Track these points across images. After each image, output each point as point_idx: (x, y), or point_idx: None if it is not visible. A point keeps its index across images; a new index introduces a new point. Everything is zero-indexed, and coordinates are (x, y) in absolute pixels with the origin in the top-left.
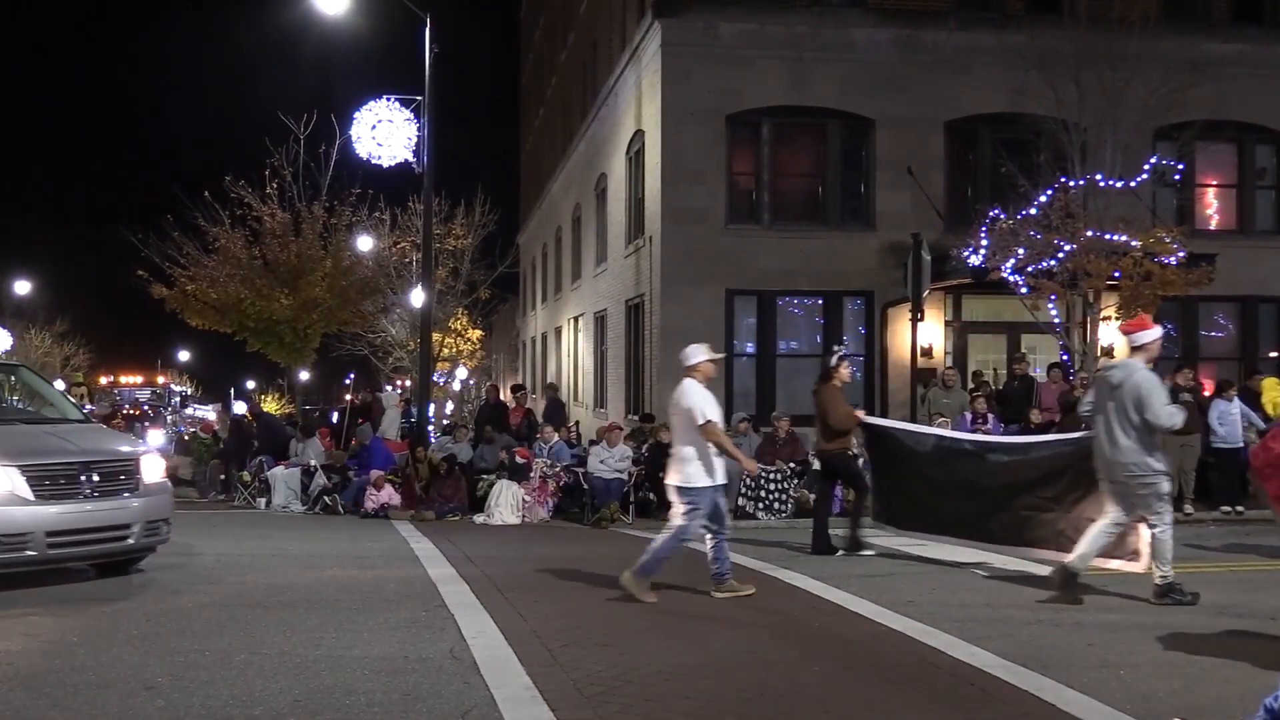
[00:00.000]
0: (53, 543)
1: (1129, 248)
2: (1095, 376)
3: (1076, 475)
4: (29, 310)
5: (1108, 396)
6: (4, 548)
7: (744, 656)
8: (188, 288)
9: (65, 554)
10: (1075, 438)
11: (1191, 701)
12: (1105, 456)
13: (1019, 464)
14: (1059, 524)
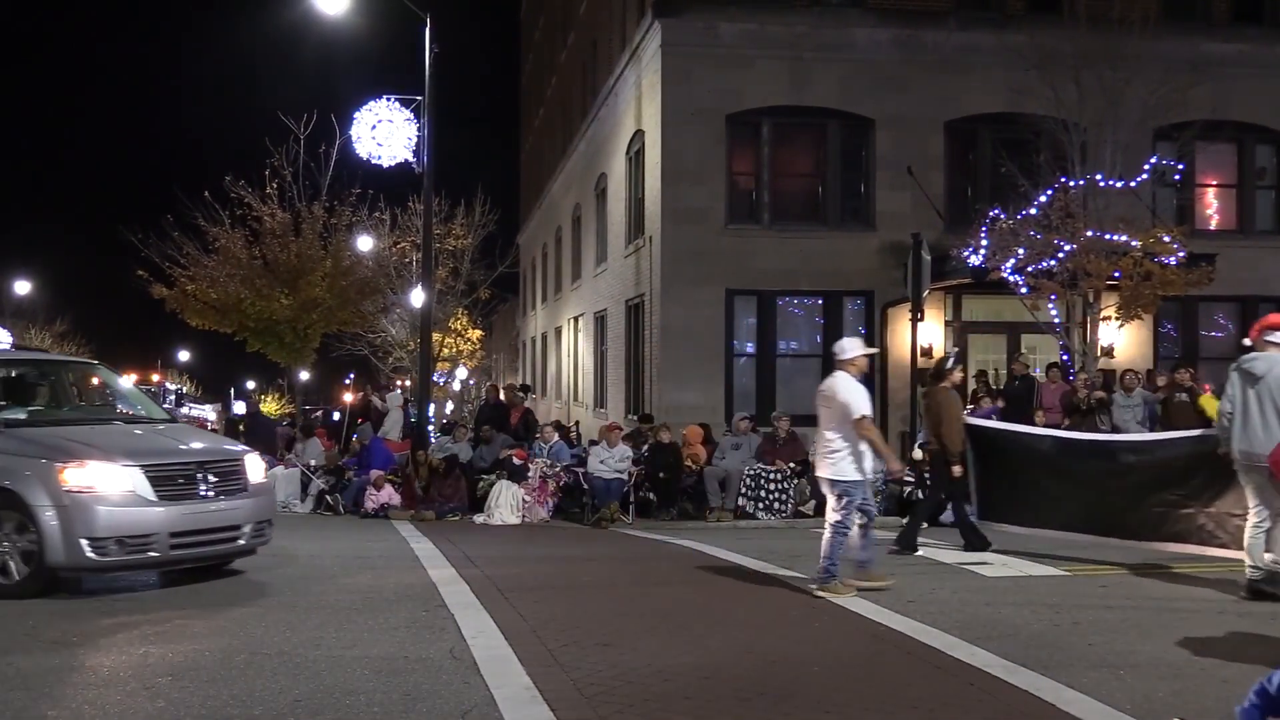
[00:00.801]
0: (175, 544)
1: (1129, 248)
2: (1235, 370)
3: (1211, 471)
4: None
5: (1249, 386)
6: (128, 549)
7: (743, 656)
8: (188, 288)
9: (184, 555)
10: (1201, 434)
11: (1191, 702)
12: (1252, 446)
13: (1147, 463)
14: (1198, 519)
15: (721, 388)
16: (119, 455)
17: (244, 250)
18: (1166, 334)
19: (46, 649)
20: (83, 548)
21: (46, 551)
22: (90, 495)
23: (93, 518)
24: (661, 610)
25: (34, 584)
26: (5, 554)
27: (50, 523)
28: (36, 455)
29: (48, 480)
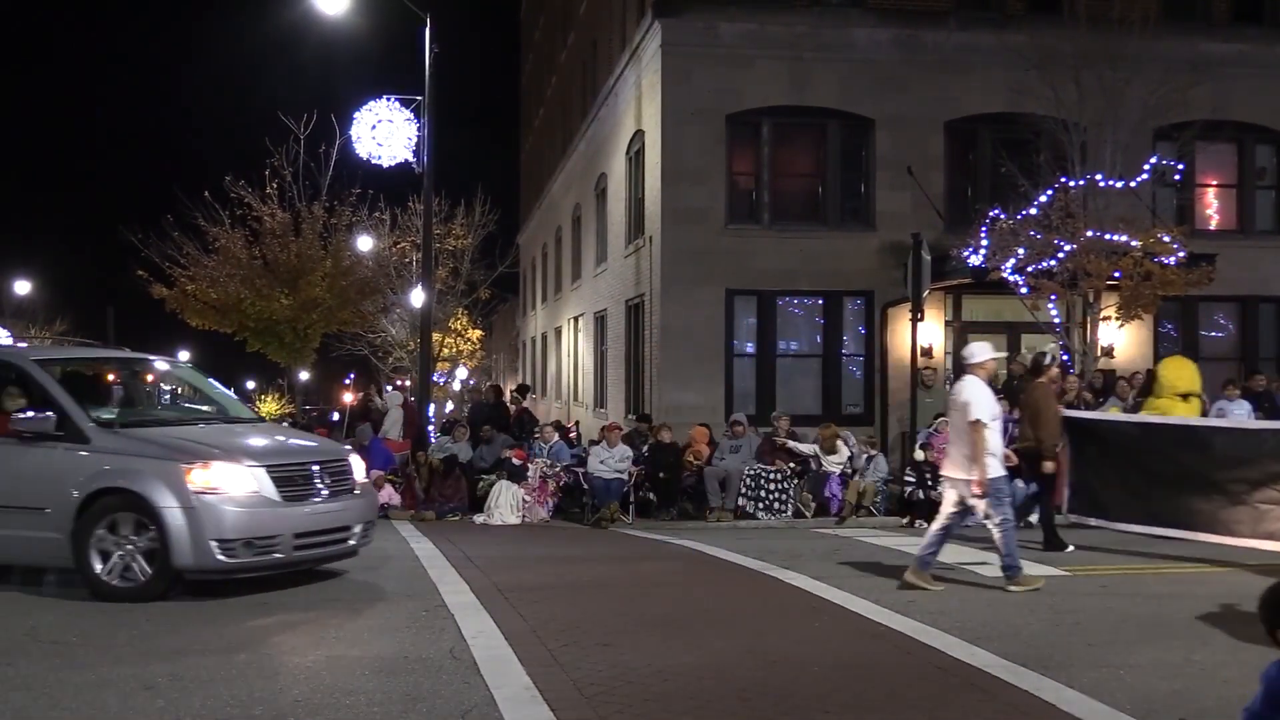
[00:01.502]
0: (298, 545)
1: (1129, 248)
2: None
3: None
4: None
5: None
6: (255, 550)
7: (744, 656)
8: (188, 288)
9: (305, 557)
10: None
11: (1191, 701)
12: None
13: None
14: None
15: (721, 388)
16: (242, 455)
17: (244, 250)
18: (1166, 334)
19: (46, 649)
20: (212, 550)
21: (173, 553)
22: (219, 496)
23: (222, 519)
24: (661, 610)
25: (157, 585)
26: (127, 556)
27: (177, 524)
28: (158, 456)
29: (173, 481)
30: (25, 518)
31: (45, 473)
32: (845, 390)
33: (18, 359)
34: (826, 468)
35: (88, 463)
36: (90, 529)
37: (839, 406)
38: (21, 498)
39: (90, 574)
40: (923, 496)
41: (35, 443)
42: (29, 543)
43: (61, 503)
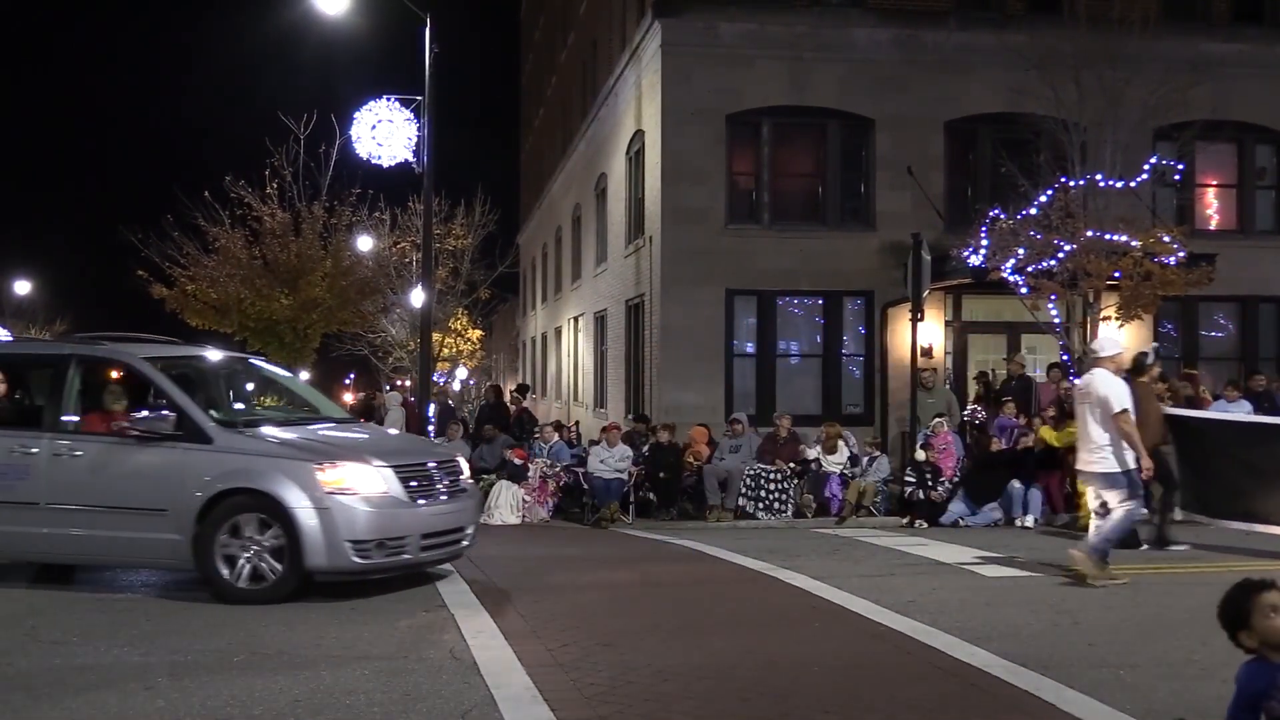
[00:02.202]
0: (424, 545)
1: (1129, 248)
2: None
3: None
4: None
5: None
6: (386, 551)
7: (744, 656)
8: (188, 288)
9: (428, 558)
10: None
11: (1191, 701)
12: None
13: None
14: None
15: (721, 388)
16: (369, 455)
17: (244, 250)
18: (1166, 334)
19: (46, 649)
20: (346, 550)
21: (306, 554)
22: (352, 496)
23: (356, 520)
24: (661, 610)
25: (287, 587)
26: (255, 557)
27: (310, 525)
28: (287, 456)
29: (305, 481)
30: (141, 519)
31: (164, 473)
32: (845, 390)
33: (127, 357)
34: (826, 468)
35: (211, 463)
36: (215, 530)
37: (839, 406)
38: (137, 499)
39: (215, 576)
40: (923, 496)
41: (152, 443)
42: (145, 544)
43: (183, 504)
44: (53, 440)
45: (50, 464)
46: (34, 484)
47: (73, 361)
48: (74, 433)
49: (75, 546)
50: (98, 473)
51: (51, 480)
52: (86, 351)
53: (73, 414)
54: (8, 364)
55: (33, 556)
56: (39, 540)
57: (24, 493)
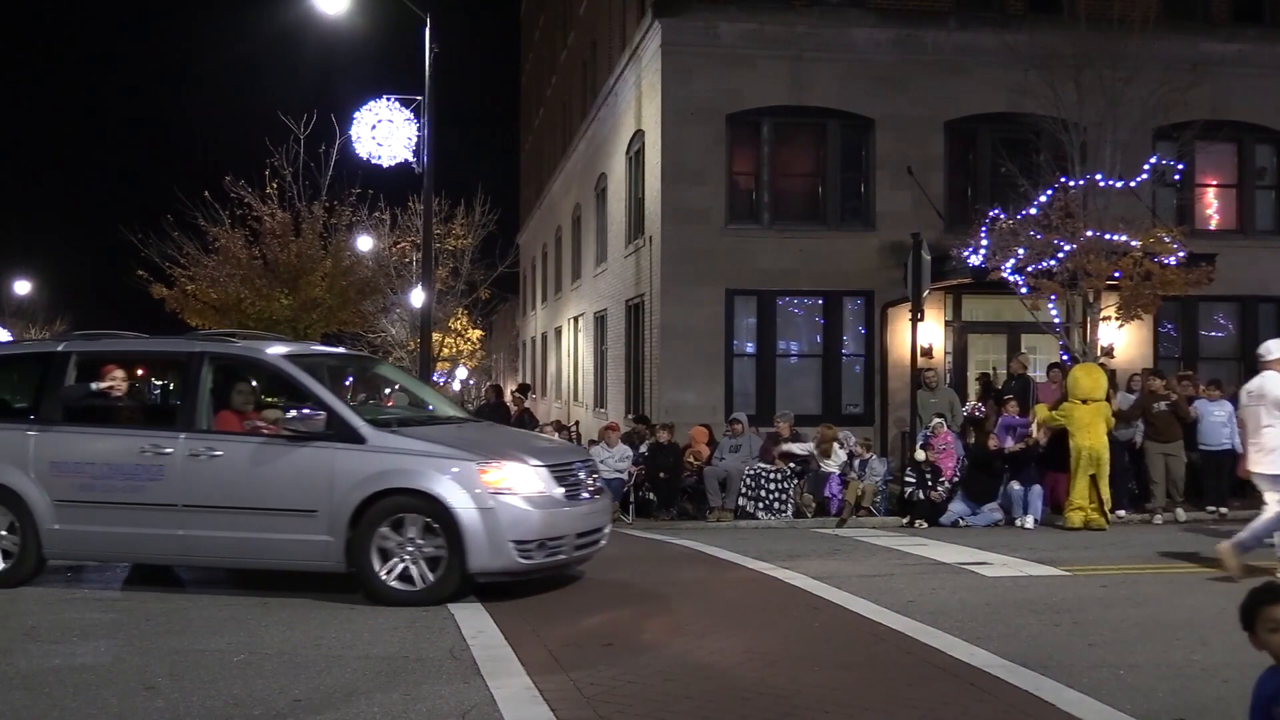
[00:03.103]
0: (577, 545)
1: (1129, 248)
2: None
3: None
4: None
5: None
6: (547, 552)
7: (744, 656)
8: (188, 288)
9: (578, 557)
10: None
11: (1191, 701)
12: None
13: None
14: None
15: (721, 388)
16: (526, 455)
17: (244, 250)
18: (1166, 334)
19: (46, 649)
20: (510, 551)
21: (469, 555)
22: (514, 497)
23: (520, 520)
24: (661, 610)
25: (446, 588)
26: (412, 558)
27: (473, 525)
28: (447, 456)
29: (468, 481)
30: (289, 520)
31: (313, 474)
32: (845, 390)
33: (267, 356)
34: (825, 468)
35: (365, 463)
36: (370, 532)
37: (839, 406)
38: (284, 500)
39: (371, 578)
40: (922, 496)
41: (301, 443)
42: (293, 546)
43: (336, 504)
44: (188, 440)
45: (187, 465)
46: (168, 485)
47: (205, 360)
48: (211, 432)
49: (214, 549)
50: (240, 473)
51: (188, 481)
52: (219, 349)
53: (207, 413)
54: (129, 362)
55: (165, 559)
56: (173, 543)
57: (157, 494)
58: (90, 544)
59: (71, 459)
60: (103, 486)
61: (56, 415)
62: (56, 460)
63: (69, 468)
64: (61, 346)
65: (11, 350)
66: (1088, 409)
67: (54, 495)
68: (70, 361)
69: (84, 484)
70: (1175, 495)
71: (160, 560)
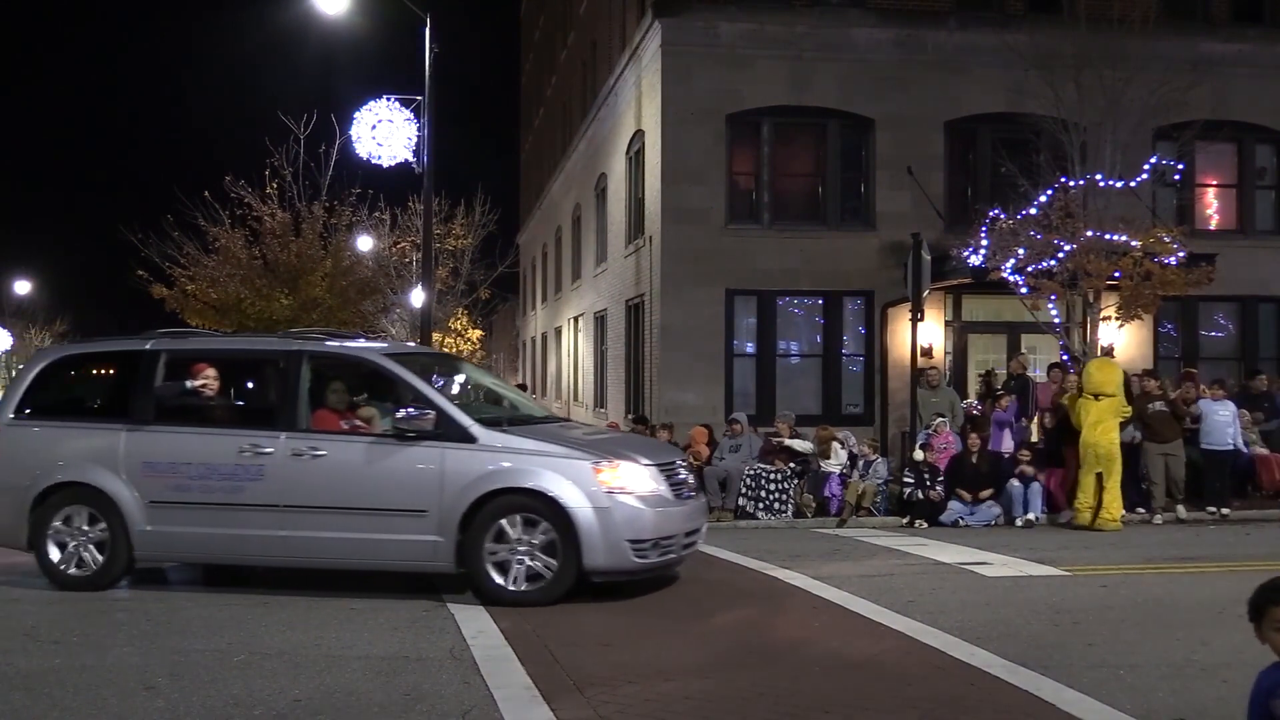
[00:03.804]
0: (684, 543)
1: (1129, 248)
2: None
3: None
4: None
5: None
6: (660, 551)
7: (744, 656)
8: (188, 288)
9: (683, 556)
10: None
11: (1191, 702)
12: None
13: None
14: None
15: (721, 388)
16: (636, 454)
17: (244, 250)
18: (1166, 334)
19: (46, 649)
20: (626, 550)
21: (585, 554)
22: (630, 496)
23: (636, 519)
24: (661, 610)
25: (561, 588)
26: (528, 558)
27: (589, 524)
28: (562, 455)
29: (583, 480)
30: (397, 520)
31: (423, 473)
32: (845, 390)
33: (371, 355)
34: (825, 468)
35: (477, 462)
36: (482, 532)
37: (839, 406)
38: (391, 499)
39: (483, 578)
40: (921, 497)
41: (409, 442)
42: (401, 546)
43: (447, 504)
44: (290, 439)
45: (288, 464)
46: (269, 485)
47: (304, 358)
48: (313, 432)
49: (316, 549)
50: (345, 473)
51: (291, 481)
52: (318, 348)
53: (306, 412)
54: (221, 360)
55: (263, 560)
56: (272, 543)
57: (257, 495)
58: (184, 545)
59: (165, 459)
60: (199, 487)
61: (148, 414)
62: (150, 460)
63: (163, 468)
64: (149, 345)
65: (94, 348)
66: (1099, 404)
67: (146, 496)
68: (160, 360)
69: (179, 484)
70: (1176, 494)
71: (257, 561)
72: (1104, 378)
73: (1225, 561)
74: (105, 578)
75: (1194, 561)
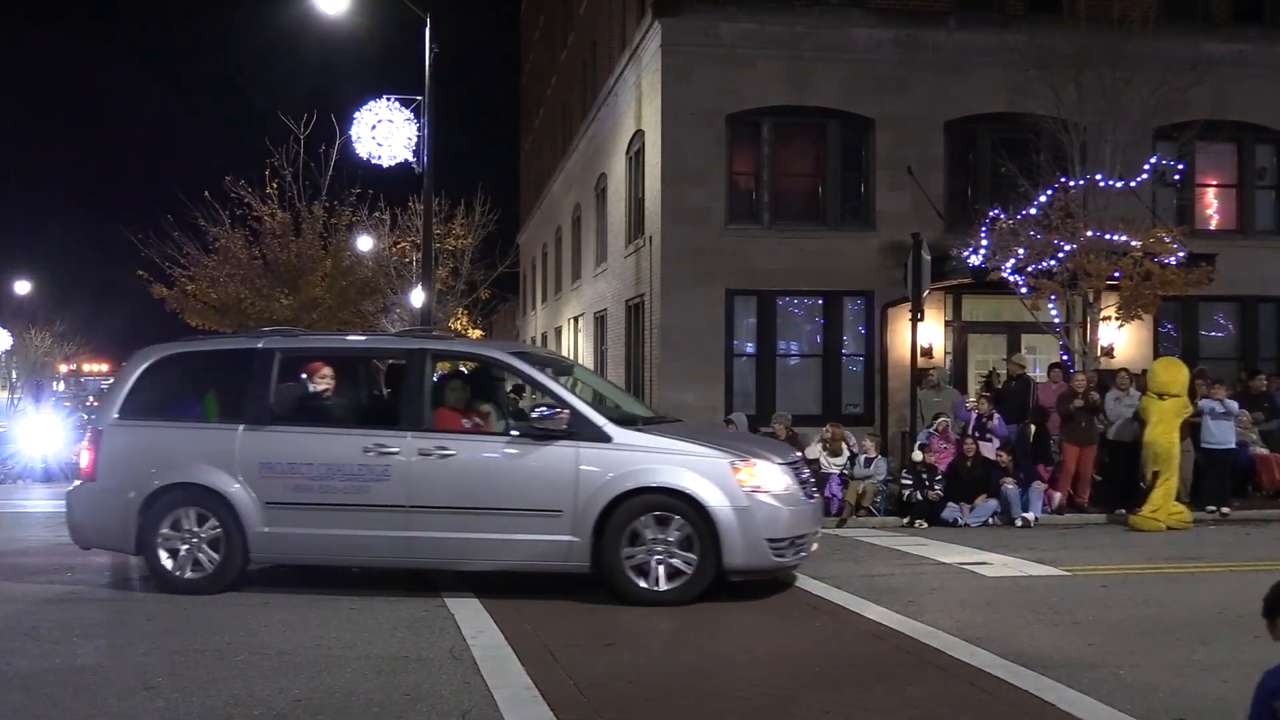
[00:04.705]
0: (814, 542)
1: (1129, 248)
2: None
3: None
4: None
5: None
6: (795, 549)
7: (744, 656)
8: (188, 288)
9: (811, 553)
10: None
11: (1191, 701)
12: None
13: None
14: None
15: (721, 388)
16: (767, 453)
17: (244, 250)
18: (1166, 334)
19: (46, 649)
20: (764, 549)
21: (725, 553)
22: (767, 494)
23: (775, 518)
24: (661, 610)
25: (699, 586)
26: (665, 557)
27: (729, 523)
28: (699, 454)
29: (722, 479)
30: (531, 521)
31: (557, 473)
32: (845, 390)
33: (500, 354)
34: (827, 468)
35: (612, 461)
36: (620, 531)
37: (839, 406)
38: (525, 499)
39: (621, 577)
40: (920, 498)
41: (542, 441)
42: (535, 546)
43: (582, 504)
44: (416, 439)
45: (415, 464)
46: (396, 486)
47: (428, 357)
48: (439, 431)
49: (443, 550)
50: (475, 473)
51: (419, 481)
52: (443, 347)
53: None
54: (338, 359)
55: (386, 561)
56: (397, 544)
57: (383, 495)
58: (303, 547)
59: (285, 460)
60: (320, 488)
61: (264, 414)
62: (268, 461)
63: (282, 469)
64: (262, 344)
65: (200, 346)
66: (1162, 404)
67: (263, 497)
68: (275, 359)
69: (299, 485)
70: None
71: (379, 563)
72: (1169, 377)
73: (1225, 561)
74: (220, 581)
75: (1194, 561)
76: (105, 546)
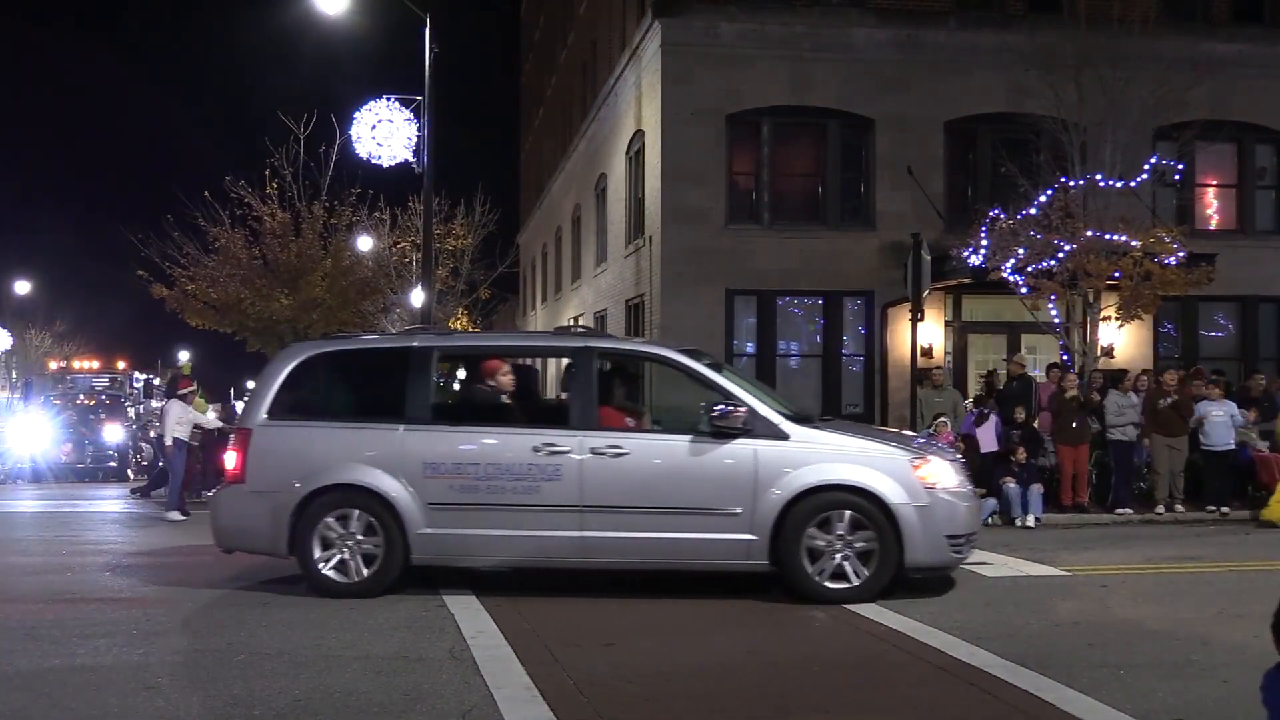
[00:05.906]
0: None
1: (1129, 248)
2: None
3: None
4: (29, 310)
5: None
6: (969, 545)
7: (744, 656)
8: (188, 288)
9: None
10: None
11: (1191, 701)
12: None
13: None
14: None
15: None
16: (938, 450)
17: (244, 250)
18: (1166, 334)
19: (46, 649)
20: (944, 546)
21: (908, 550)
22: (945, 491)
23: (954, 514)
24: (662, 610)
25: (879, 584)
26: (845, 555)
27: (910, 520)
28: (878, 452)
29: (902, 476)
30: (708, 520)
31: (734, 471)
32: (845, 390)
33: (666, 353)
34: None
35: (791, 459)
36: (800, 528)
37: (839, 406)
38: (702, 498)
39: (802, 576)
40: None
41: (720, 440)
42: (712, 546)
43: (761, 502)
44: (587, 438)
45: (588, 464)
46: (567, 485)
47: (595, 355)
48: (610, 430)
49: (617, 549)
50: (650, 472)
51: (591, 481)
52: (610, 345)
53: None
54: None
55: (556, 562)
56: (569, 544)
57: (554, 495)
58: (468, 548)
59: (450, 459)
60: (488, 488)
61: (426, 414)
62: (432, 461)
63: (447, 469)
64: (417, 342)
65: (348, 345)
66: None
67: (426, 497)
68: (433, 357)
69: (465, 485)
70: (1175, 492)
71: (548, 564)
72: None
73: (1225, 561)
74: (379, 584)
75: (1194, 561)
76: (252, 549)
